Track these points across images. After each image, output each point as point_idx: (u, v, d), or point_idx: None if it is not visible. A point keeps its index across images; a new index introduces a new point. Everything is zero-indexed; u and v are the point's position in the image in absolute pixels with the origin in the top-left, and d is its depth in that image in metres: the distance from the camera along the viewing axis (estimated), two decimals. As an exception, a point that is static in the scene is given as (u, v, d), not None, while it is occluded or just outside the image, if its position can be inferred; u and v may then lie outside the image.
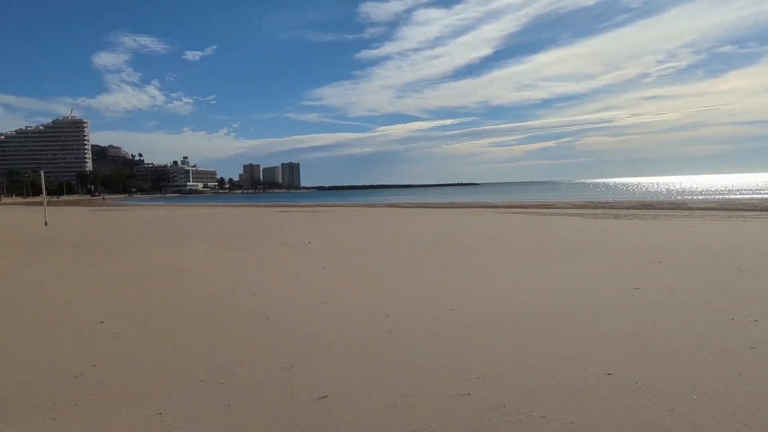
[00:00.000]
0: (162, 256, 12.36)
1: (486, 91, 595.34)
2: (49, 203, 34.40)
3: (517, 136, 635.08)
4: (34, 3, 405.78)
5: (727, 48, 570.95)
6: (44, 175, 34.21)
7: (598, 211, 27.45)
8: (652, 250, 11.03)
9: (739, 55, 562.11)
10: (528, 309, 6.29)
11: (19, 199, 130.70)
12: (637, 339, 4.94)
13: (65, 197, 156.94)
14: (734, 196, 46.47)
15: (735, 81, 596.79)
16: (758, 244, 12.00)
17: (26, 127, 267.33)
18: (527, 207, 35.17)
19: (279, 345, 5.04)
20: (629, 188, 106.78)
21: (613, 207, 31.20)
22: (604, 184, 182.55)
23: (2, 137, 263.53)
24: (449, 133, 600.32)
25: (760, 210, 24.97)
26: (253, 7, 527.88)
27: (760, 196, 45.68)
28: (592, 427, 3.17)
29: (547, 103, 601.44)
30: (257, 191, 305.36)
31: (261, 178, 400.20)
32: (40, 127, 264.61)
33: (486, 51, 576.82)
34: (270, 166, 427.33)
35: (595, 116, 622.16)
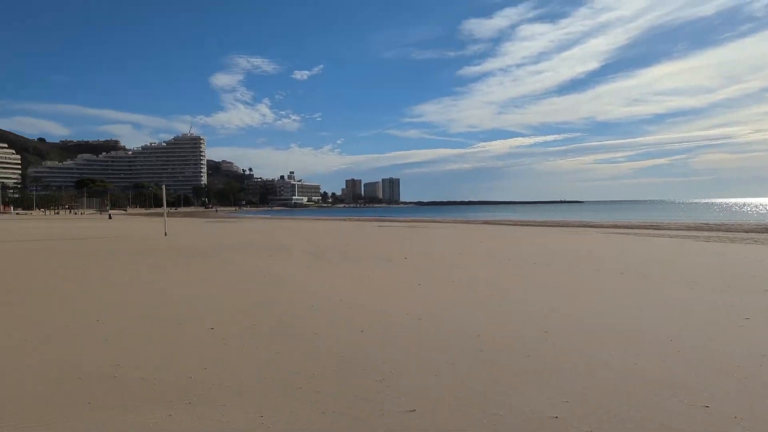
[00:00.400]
0: (268, 267, 13.08)
1: (592, 106, 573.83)
2: (168, 214, 37.20)
3: (625, 153, 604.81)
4: (159, 32, 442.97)
5: None
6: (165, 189, 37.16)
7: (712, 233, 25.60)
8: (772, 277, 10.23)
9: None
10: (625, 333, 6.10)
11: (143, 210, 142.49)
12: (741, 372, 4.68)
13: (182, 209, 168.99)
14: None
15: None
16: None
17: (150, 143, 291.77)
18: (633, 227, 33.45)
19: (372, 358, 5.25)
20: (750, 209, 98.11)
21: (729, 230, 28.97)
22: (721, 204, 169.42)
23: (130, 153, 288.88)
24: (552, 149, 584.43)
25: None
26: (359, 27, 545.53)
27: None
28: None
29: (658, 119, 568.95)
30: (358, 205, 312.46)
31: (362, 192, 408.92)
32: (163, 144, 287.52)
33: (593, 65, 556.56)
34: (371, 181, 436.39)
35: (713, 132, 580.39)
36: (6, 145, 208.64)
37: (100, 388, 4.42)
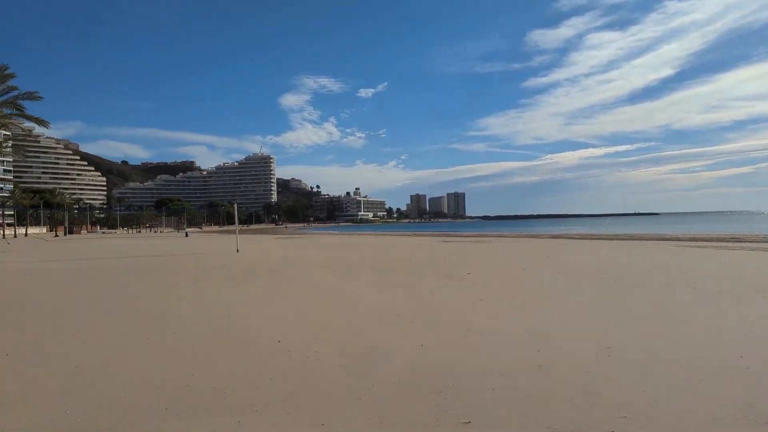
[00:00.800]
0: (333, 282, 13.41)
1: (666, 114, 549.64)
2: (240, 231, 38.58)
3: (704, 162, 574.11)
4: (231, 56, 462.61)
5: None
6: (237, 207, 38.63)
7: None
8: None
9: None
10: (691, 350, 5.93)
11: (217, 228, 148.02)
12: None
13: (253, 226, 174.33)
14: None
15: None
16: None
17: (224, 163, 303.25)
18: (713, 240, 31.87)
19: (431, 372, 5.36)
20: None
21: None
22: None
23: (205, 173, 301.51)
24: (624, 159, 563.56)
25: None
26: (422, 44, 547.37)
27: None
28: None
29: (739, 125, 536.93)
30: (423, 220, 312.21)
31: (427, 207, 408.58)
32: (235, 163, 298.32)
33: (666, 72, 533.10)
34: (436, 195, 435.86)
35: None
36: (93, 168, 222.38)
37: (175, 396, 4.76)
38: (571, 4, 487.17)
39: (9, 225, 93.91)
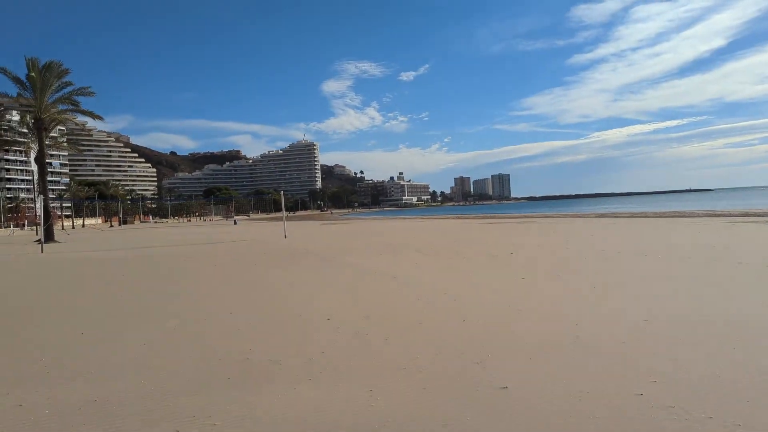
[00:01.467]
0: (379, 264, 13.80)
1: (719, 86, 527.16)
2: (287, 218, 39.46)
3: (760, 135, 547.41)
4: (273, 45, 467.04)
5: None
6: (283, 194, 39.50)
7: None
8: None
9: None
10: (727, 324, 6.05)
11: (264, 215, 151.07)
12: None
13: (299, 212, 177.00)
14: None
15: None
16: None
17: (269, 151, 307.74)
18: (766, 215, 30.84)
19: (472, 344, 5.66)
20: None
21: None
22: None
23: (251, 161, 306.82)
24: (674, 135, 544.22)
25: None
26: (464, 23, 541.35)
27: None
28: (758, 430, 3.25)
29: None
30: (468, 203, 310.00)
31: (471, 190, 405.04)
32: (280, 151, 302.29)
33: (718, 42, 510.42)
34: (480, 178, 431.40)
35: None
36: (143, 160, 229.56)
37: (236, 368, 5.21)
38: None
39: (67, 217, 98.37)
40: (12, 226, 75.72)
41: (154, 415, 4.00)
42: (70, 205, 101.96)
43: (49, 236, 32.69)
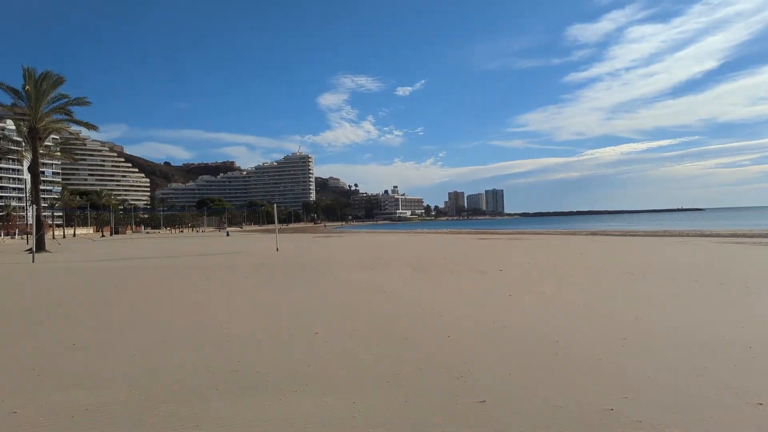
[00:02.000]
0: (369, 279, 13.98)
1: (711, 107, 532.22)
2: (280, 230, 39.57)
3: (752, 156, 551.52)
4: (269, 57, 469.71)
5: None
6: (276, 207, 39.66)
7: None
8: None
9: None
10: (701, 341, 6.27)
11: (257, 227, 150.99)
12: None
13: (292, 225, 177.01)
14: None
15: None
16: None
17: (263, 163, 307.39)
18: (755, 236, 31.24)
19: (455, 359, 5.85)
20: None
21: None
22: None
23: (245, 173, 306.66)
24: (667, 154, 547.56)
25: None
26: (460, 40, 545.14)
27: None
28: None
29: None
30: (461, 218, 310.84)
31: (465, 204, 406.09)
32: (274, 163, 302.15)
33: (710, 64, 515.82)
34: (474, 193, 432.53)
35: None
36: (137, 170, 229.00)
37: (224, 379, 5.36)
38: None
39: (58, 226, 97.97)
40: (2, 234, 75.30)
41: (145, 423, 4.16)
42: (61, 214, 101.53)
43: (40, 246, 32.63)
